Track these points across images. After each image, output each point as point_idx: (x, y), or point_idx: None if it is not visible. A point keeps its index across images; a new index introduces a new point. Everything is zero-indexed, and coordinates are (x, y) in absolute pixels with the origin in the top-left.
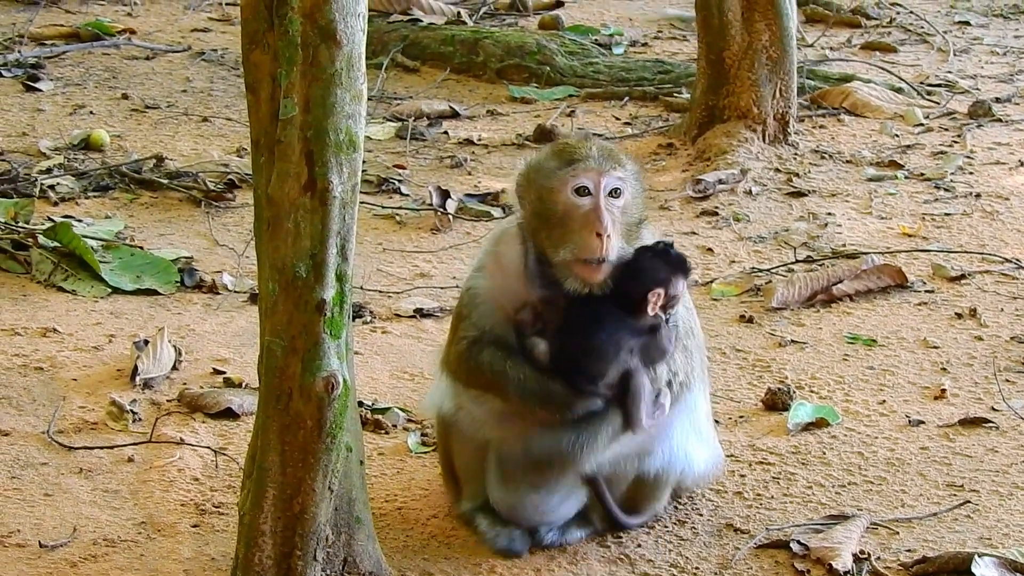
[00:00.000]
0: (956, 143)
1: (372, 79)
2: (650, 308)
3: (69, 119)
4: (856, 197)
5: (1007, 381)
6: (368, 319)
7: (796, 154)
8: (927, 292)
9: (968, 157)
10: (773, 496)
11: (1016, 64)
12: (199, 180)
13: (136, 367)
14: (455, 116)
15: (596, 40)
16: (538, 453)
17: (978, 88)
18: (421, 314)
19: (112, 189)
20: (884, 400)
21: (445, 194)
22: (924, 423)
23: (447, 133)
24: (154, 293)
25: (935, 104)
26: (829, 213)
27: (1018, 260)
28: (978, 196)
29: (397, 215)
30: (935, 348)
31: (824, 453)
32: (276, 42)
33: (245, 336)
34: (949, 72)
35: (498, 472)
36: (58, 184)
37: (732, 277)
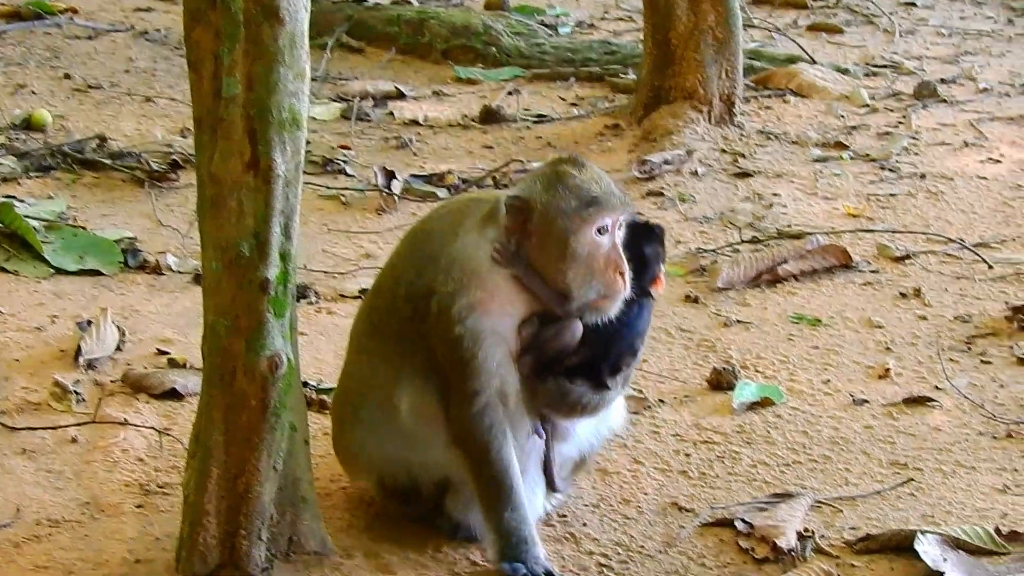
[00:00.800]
0: (901, 124)
1: (317, 59)
2: (661, 289)
3: (10, 99)
4: (801, 178)
5: (950, 360)
6: (313, 300)
7: (742, 135)
8: (872, 272)
9: (913, 138)
10: (718, 475)
11: (961, 45)
12: (142, 160)
13: (79, 347)
14: (401, 97)
15: (542, 20)
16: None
17: (923, 69)
18: (366, 295)
19: (54, 169)
20: (828, 379)
21: (390, 175)
22: (868, 402)
23: (392, 114)
24: (97, 274)
25: (881, 85)
26: (775, 194)
27: (962, 240)
28: (923, 177)
29: (342, 196)
30: (879, 328)
31: (769, 432)
32: (218, 20)
33: (189, 317)
34: (895, 53)
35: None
36: None
37: (678, 257)
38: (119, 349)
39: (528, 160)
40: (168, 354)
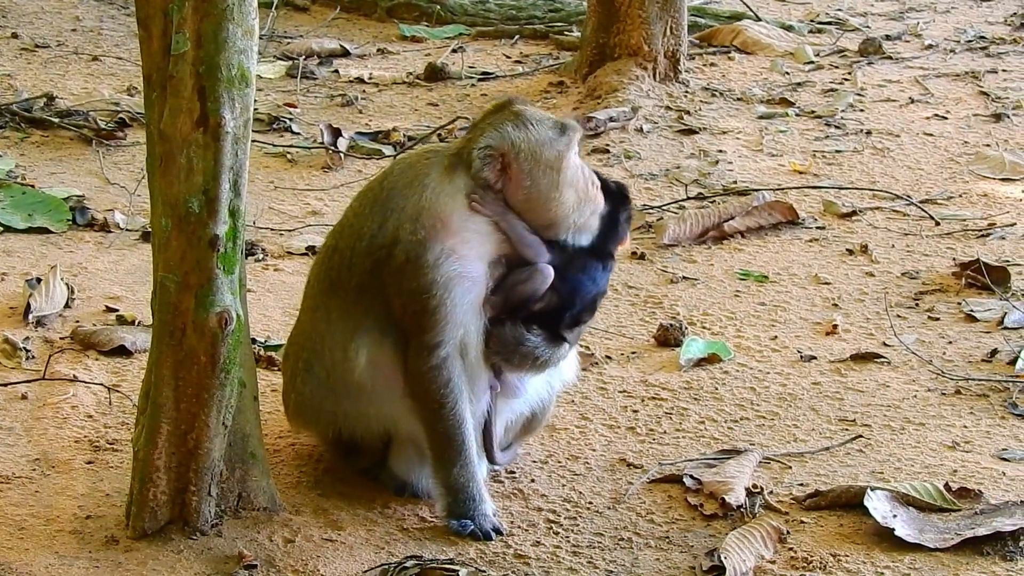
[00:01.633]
0: (846, 81)
1: (262, 18)
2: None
3: None
4: (747, 134)
5: (898, 316)
6: (260, 257)
7: (687, 92)
8: (818, 229)
9: (858, 95)
10: (666, 431)
11: (907, 2)
12: (90, 119)
13: (29, 305)
14: (346, 55)
15: None
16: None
17: (868, 26)
18: (313, 252)
19: (2, 128)
20: (776, 336)
21: (336, 132)
22: (816, 358)
23: (338, 72)
24: (46, 231)
25: (826, 42)
26: (720, 150)
27: (909, 197)
28: (868, 133)
29: (288, 153)
30: (826, 284)
31: (716, 388)
32: None
33: (137, 274)
34: (839, 10)
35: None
36: None
37: None
38: (68, 306)
39: (474, 117)
40: (117, 311)
